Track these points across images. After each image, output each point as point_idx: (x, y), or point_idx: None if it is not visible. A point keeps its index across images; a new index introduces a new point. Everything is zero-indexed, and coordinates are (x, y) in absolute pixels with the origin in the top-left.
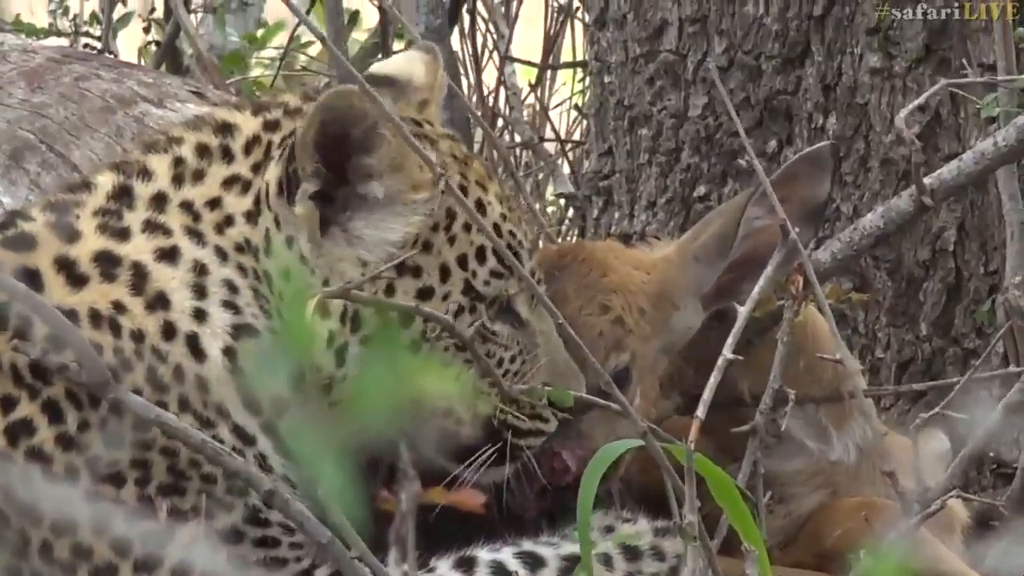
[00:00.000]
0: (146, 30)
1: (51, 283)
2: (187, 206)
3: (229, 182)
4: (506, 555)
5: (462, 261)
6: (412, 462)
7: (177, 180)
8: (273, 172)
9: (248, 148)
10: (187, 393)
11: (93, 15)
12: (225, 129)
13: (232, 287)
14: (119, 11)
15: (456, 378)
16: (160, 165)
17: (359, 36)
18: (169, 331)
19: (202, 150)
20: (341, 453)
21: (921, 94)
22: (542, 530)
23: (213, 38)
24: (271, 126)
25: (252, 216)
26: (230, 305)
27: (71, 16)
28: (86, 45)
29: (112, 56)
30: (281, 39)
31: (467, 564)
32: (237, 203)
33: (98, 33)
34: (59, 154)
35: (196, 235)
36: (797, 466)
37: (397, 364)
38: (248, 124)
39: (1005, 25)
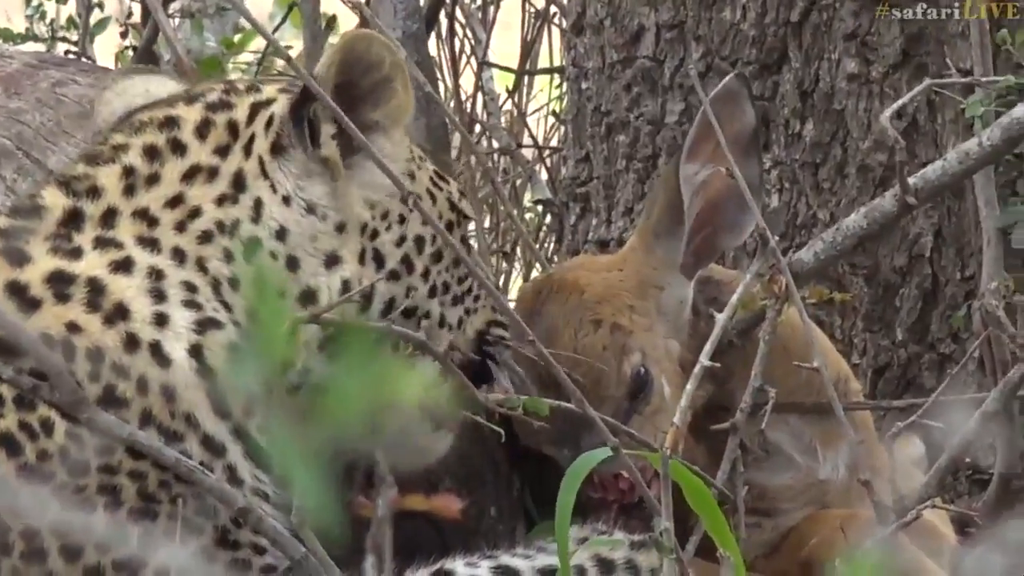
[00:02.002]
0: (123, 35)
1: (3, 310)
2: (141, 214)
3: (189, 174)
4: (483, 570)
5: (435, 182)
6: (390, 468)
7: (128, 191)
8: (264, 142)
9: (201, 133)
10: (151, 405)
11: (70, 20)
12: (169, 123)
13: (190, 287)
14: (96, 16)
15: (431, 383)
16: (109, 179)
17: (336, 40)
18: (131, 343)
19: (151, 152)
20: (316, 457)
21: (898, 99)
22: (517, 541)
23: (191, 43)
24: (217, 107)
25: (227, 198)
26: (191, 304)
27: (48, 21)
28: (66, 52)
29: (89, 61)
30: (259, 44)
31: None
32: (203, 192)
33: (75, 38)
34: (35, 160)
35: (150, 242)
36: (786, 481)
37: (371, 369)
38: (190, 113)
39: (982, 28)
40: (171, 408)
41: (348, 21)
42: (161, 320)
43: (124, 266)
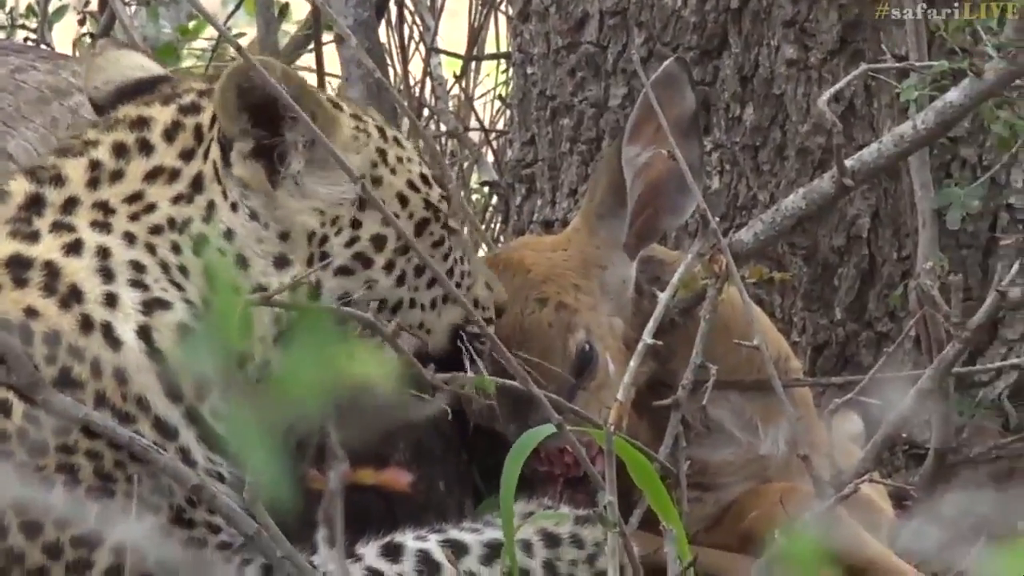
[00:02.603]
0: (81, 23)
1: None
2: (100, 205)
3: (152, 175)
4: (431, 543)
5: (412, 185)
6: (340, 443)
7: (92, 183)
8: (216, 149)
9: (169, 136)
10: (104, 388)
11: (29, 8)
12: (140, 124)
13: (138, 266)
14: (54, 4)
15: (383, 362)
16: (75, 171)
17: (289, 28)
18: (86, 324)
19: (119, 149)
20: (269, 433)
21: (835, 84)
22: (465, 514)
23: (146, 30)
24: (188, 110)
25: (183, 197)
26: (138, 284)
27: (7, 9)
28: (26, 39)
29: (48, 48)
30: (213, 31)
31: (394, 552)
32: (161, 192)
33: (34, 25)
34: None
35: (102, 226)
36: (727, 456)
37: (324, 348)
38: (162, 114)
39: (917, 17)
40: (123, 391)
41: (301, 9)
42: (111, 300)
43: (75, 248)
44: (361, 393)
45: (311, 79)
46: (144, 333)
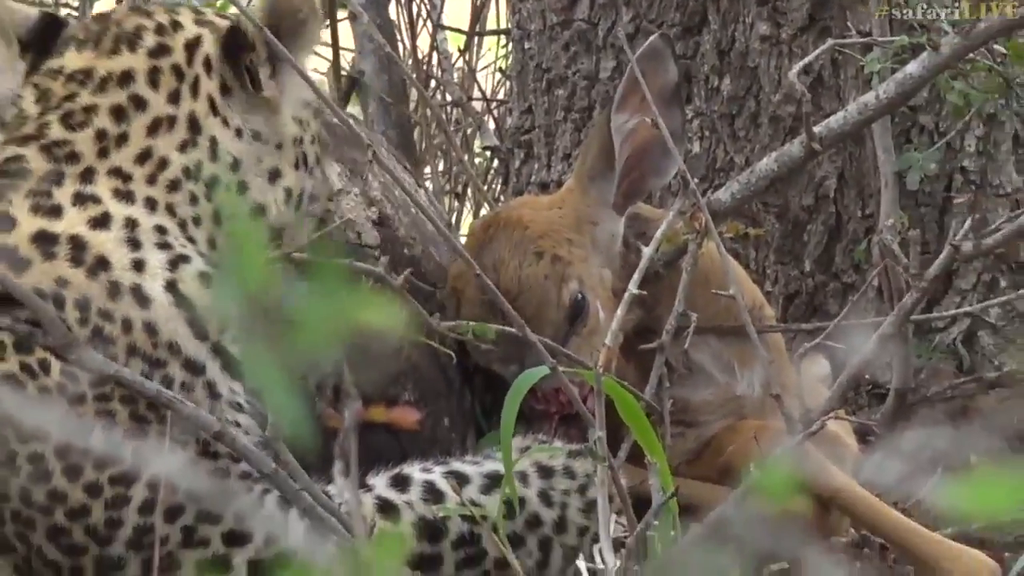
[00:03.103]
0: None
1: None
2: (116, 171)
3: (153, 128)
4: (436, 475)
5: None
6: (354, 384)
7: (103, 153)
8: (210, 83)
9: (154, 83)
10: (135, 340)
11: None
12: (125, 79)
13: (161, 230)
14: None
15: (391, 310)
16: (86, 144)
17: None
18: (114, 290)
19: (118, 112)
20: (289, 376)
21: (804, 58)
22: (467, 449)
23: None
24: (158, 52)
25: (188, 143)
26: (163, 246)
27: None
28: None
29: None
30: (231, 7)
31: (402, 482)
32: (167, 142)
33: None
34: None
35: (125, 195)
36: (707, 396)
37: (337, 297)
38: (138, 62)
39: None
40: (153, 340)
41: None
42: (139, 265)
43: (102, 221)
44: (372, 339)
45: (327, 53)
46: (171, 287)
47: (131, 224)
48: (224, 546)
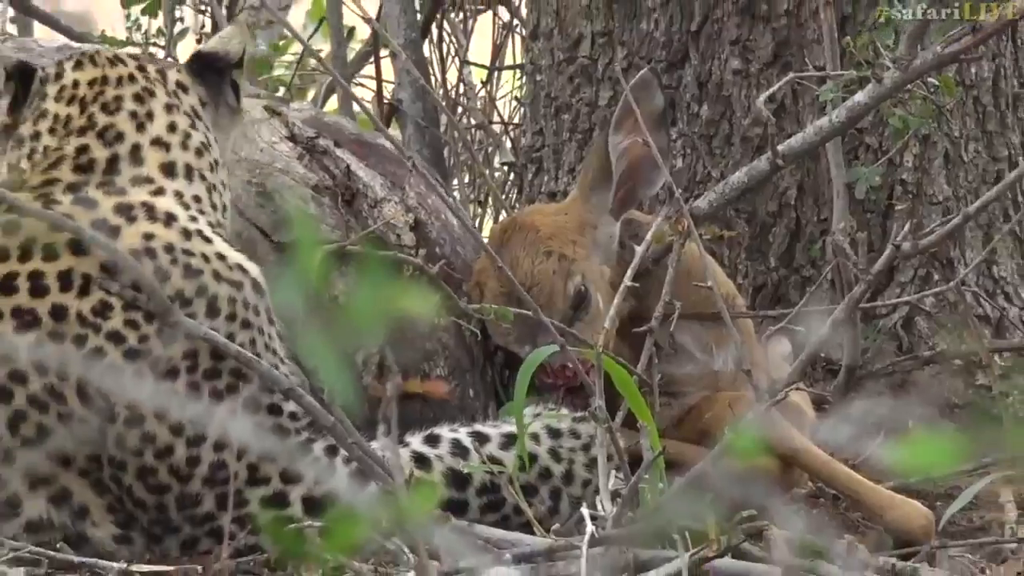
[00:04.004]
0: (198, 42)
1: (106, 241)
2: (157, 141)
3: (168, 108)
4: (461, 434)
5: None
6: (394, 360)
7: (140, 127)
8: (193, 95)
9: (160, 81)
10: (217, 268)
11: (159, 30)
12: (131, 79)
13: (198, 199)
14: (178, 27)
15: (426, 297)
16: (126, 124)
17: (355, 45)
18: (186, 234)
19: (139, 97)
20: (340, 354)
21: (769, 88)
22: (488, 415)
23: (248, 47)
24: (142, 68)
25: (194, 126)
26: (201, 211)
27: (143, 31)
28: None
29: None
30: (297, 47)
31: (433, 440)
32: (182, 121)
33: (163, 44)
34: None
35: (168, 168)
36: (689, 371)
37: (381, 288)
38: (131, 71)
39: (832, 36)
40: (227, 263)
41: (363, 30)
42: (194, 219)
43: (159, 192)
44: (409, 322)
45: (372, 84)
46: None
47: (178, 194)
48: (282, 483)
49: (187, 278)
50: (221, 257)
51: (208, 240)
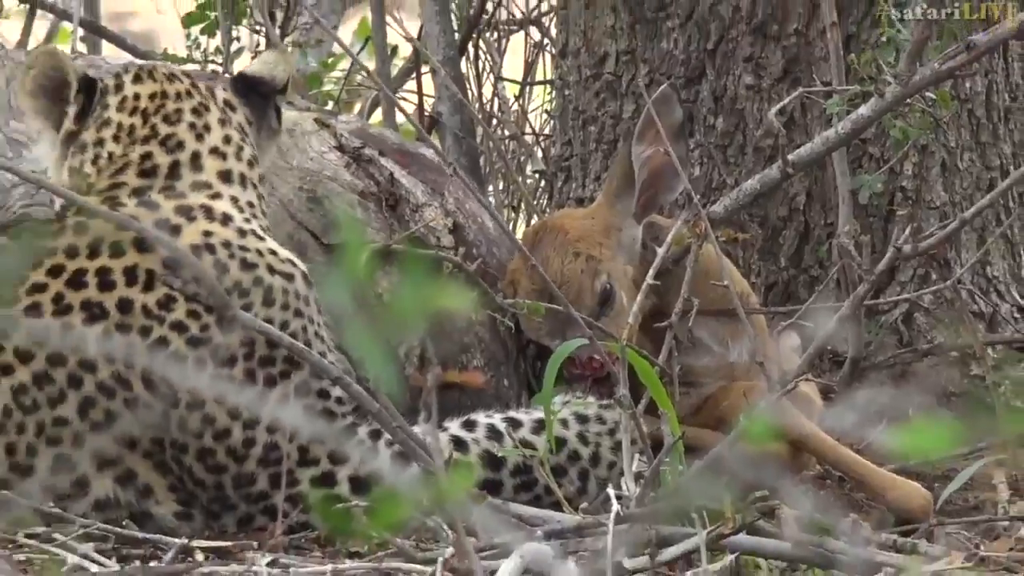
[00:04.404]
0: (253, 58)
1: (173, 242)
2: (215, 151)
3: (222, 122)
4: (496, 419)
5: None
6: (435, 353)
7: (199, 138)
8: (240, 114)
9: (211, 98)
10: (270, 262)
11: (216, 48)
12: (188, 94)
13: (251, 204)
14: (235, 46)
15: (463, 296)
16: (186, 134)
17: (398, 62)
18: (241, 232)
19: (197, 111)
20: (385, 347)
21: (780, 102)
22: (521, 403)
23: (299, 64)
24: (194, 85)
25: (244, 140)
26: (253, 215)
27: (201, 49)
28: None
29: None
30: (345, 64)
31: (470, 425)
32: (233, 133)
33: (220, 61)
34: None
35: (225, 175)
36: (706, 363)
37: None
38: (186, 87)
39: (837, 54)
40: (280, 257)
41: (405, 49)
42: (247, 221)
43: (216, 196)
44: (448, 317)
45: (414, 99)
46: (269, 231)
47: (233, 199)
48: (330, 464)
49: (244, 271)
50: (273, 253)
51: (261, 238)
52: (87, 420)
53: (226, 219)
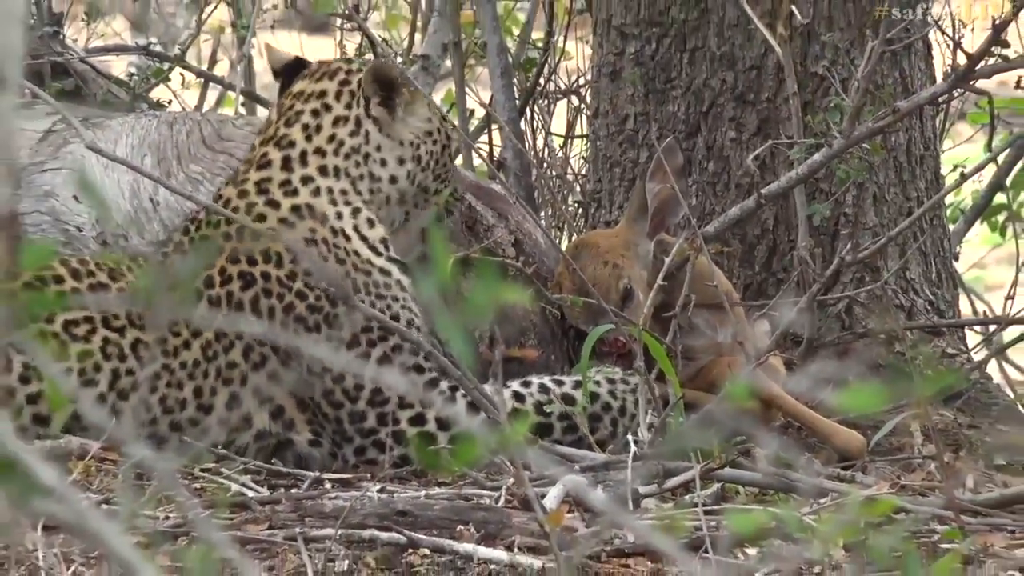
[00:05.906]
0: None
1: (291, 238)
2: (318, 151)
3: (336, 122)
4: (546, 380)
5: (438, 130)
6: (500, 335)
7: (308, 138)
8: (361, 101)
9: (338, 97)
10: (356, 261)
11: None
12: (320, 94)
13: (345, 193)
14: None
15: (521, 293)
16: (298, 134)
17: (475, 121)
18: (334, 232)
19: (315, 112)
20: (463, 329)
21: (755, 151)
22: (563, 372)
23: None
24: (344, 82)
25: (355, 132)
26: (347, 203)
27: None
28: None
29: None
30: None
31: (526, 384)
32: (343, 131)
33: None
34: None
35: (325, 169)
36: (701, 343)
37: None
38: (330, 85)
39: (798, 115)
40: (364, 257)
41: (479, 111)
42: (340, 216)
43: (317, 192)
44: (510, 308)
45: (485, 149)
46: (356, 229)
47: (330, 192)
48: (421, 407)
49: (338, 264)
50: (357, 254)
51: (348, 238)
52: (249, 362)
53: (323, 219)
